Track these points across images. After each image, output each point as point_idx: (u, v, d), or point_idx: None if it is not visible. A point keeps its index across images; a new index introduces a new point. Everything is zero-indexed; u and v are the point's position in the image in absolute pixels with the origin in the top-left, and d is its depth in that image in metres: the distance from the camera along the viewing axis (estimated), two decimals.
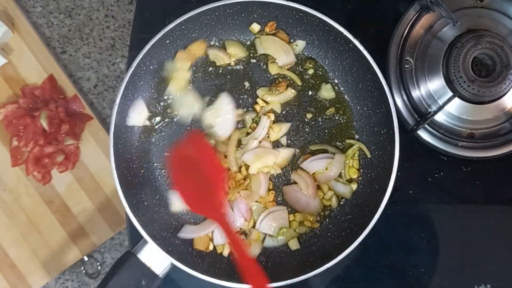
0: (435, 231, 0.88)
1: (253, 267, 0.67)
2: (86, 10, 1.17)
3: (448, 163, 0.90)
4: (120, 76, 1.17)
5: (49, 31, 1.18)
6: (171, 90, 0.86)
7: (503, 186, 0.90)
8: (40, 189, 1.11)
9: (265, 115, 0.87)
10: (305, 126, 0.88)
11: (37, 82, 1.13)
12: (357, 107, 0.88)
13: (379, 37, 0.91)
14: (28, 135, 1.08)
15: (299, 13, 0.82)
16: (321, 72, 0.89)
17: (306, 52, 0.89)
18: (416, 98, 0.88)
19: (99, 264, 1.14)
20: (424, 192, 0.89)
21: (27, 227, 1.11)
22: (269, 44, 0.87)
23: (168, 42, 0.83)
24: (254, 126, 0.87)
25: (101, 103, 1.16)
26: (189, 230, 0.84)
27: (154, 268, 0.76)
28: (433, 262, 0.87)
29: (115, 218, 1.12)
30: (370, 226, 0.76)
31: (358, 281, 0.87)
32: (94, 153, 1.13)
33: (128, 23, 1.17)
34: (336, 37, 0.82)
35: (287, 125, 0.87)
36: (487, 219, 0.89)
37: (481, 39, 0.83)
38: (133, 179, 0.84)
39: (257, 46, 0.88)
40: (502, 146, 0.88)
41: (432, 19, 0.89)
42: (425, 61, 0.89)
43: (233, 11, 0.84)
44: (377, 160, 0.84)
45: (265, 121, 0.86)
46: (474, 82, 0.83)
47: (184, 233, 0.84)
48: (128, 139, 0.85)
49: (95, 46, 1.17)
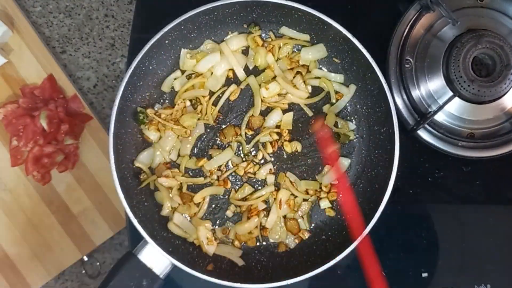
0: (435, 231, 0.88)
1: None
2: (86, 10, 1.17)
3: (448, 163, 0.90)
4: (120, 76, 1.16)
5: (49, 31, 1.18)
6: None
7: (503, 186, 0.90)
8: (40, 189, 1.11)
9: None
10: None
11: (36, 81, 1.12)
12: (357, 106, 0.88)
13: (379, 36, 0.91)
14: (28, 135, 1.08)
15: (299, 13, 0.82)
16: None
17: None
18: (416, 98, 0.88)
19: (99, 264, 1.13)
20: (424, 192, 0.89)
21: (27, 227, 1.10)
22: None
23: (167, 42, 0.83)
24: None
25: (100, 103, 1.16)
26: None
27: (154, 269, 0.76)
28: (433, 262, 0.87)
29: (115, 218, 1.12)
30: (370, 225, 0.76)
31: (358, 281, 0.87)
32: (94, 153, 1.12)
33: (128, 23, 1.16)
34: (335, 36, 0.82)
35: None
36: (487, 219, 0.89)
37: (481, 39, 0.83)
38: (134, 179, 0.84)
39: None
40: (502, 146, 0.88)
41: (432, 18, 0.89)
42: (425, 61, 0.88)
43: (232, 11, 0.84)
44: (377, 159, 0.84)
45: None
46: (474, 82, 0.83)
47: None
48: (128, 139, 0.85)
49: (95, 46, 1.16)
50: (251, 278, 0.81)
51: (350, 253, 0.76)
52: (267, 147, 0.87)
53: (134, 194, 0.82)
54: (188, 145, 0.87)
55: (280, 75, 0.86)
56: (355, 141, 0.88)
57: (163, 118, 0.85)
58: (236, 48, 0.88)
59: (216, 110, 0.87)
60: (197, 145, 0.88)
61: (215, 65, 0.86)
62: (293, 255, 0.85)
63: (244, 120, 0.87)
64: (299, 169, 0.88)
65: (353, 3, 0.94)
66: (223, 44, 0.87)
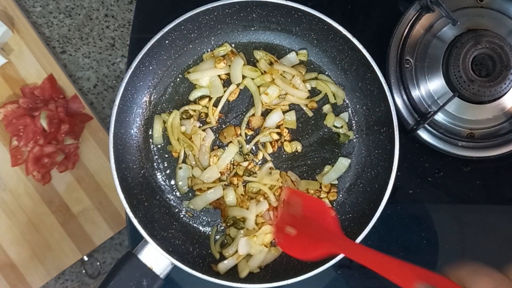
0: (435, 231, 0.88)
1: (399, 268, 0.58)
2: (86, 10, 1.17)
3: (448, 163, 0.90)
4: (120, 76, 1.16)
5: (49, 31, 1.18)
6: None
7: (503, 186, 0.90)
8: (40, 189, 1.11)
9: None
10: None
11: (36, 81, 1.12)
12: (357, 106, 0.88)
13: (379, 36, 0.91)
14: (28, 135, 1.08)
15: (298, 13, 0.82)
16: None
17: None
18: (416, 98, 0.88)
19: (99, 264, 1.13)
20: (424, 192, 0.89)
21: (27, 227, 1.10)
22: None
23: (167, 42, 0.83)
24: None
25: (101, 103, 1.16)
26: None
27: (155, 269, 0.76)
28: (433, 262, 0.87)
29: (115, 218, 1.12)
30: (370, 225, 0.76)
31: (358, 281, 0.87)
32: (94, 153, 1.12)
33: (128, 23, 1.16)
34: (335, 36, 0.82)
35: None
36: (487, 219, 0.89)
37: (481, 39, 0.83)
38: (134, 179, 0.84)
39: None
40: (502, 146, 0.88)
41: (432, 19, 0.89)
42: (425, 61, 0.88)
43: (232, 11, 0.84)
44: (377, 159, 0.84)
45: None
46: (474, 82, 0.83)
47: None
48: (128, 139, 0.85)
49: (95, 46, 1.16)
50: (251, 278, 0.81)
51: None
52: (267, 147, 0.87)
53: (134, 194, 0.82)
54: (206, 157, 0.87)
55: (279, 77, 0.87)
56: (355, 141, 0.88)
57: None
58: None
59: (217, 111, 0.87)
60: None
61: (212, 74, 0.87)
62: None
63: (243, 121, 0.87)
64: (299, 169, 0.88)
65: (353, 3, 0.94)
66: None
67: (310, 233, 0.76)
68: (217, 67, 0.86)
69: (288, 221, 0.80)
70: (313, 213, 0.78)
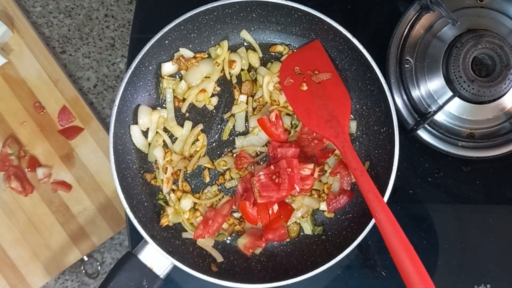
0: (435, 231, 0.88)
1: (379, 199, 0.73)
2: (85, 10, 1.17)
3: (448, 163, 0.90)
4: (119, 76, 1.17)
5: (49, 31, 1.18)
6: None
7: (503, 186, 0.90)
8: (40, 189, 1.11)
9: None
10: None
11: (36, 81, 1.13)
12: (357, 106, 0.88)
13: (379, 36, 0.91)
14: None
15: (298, 13, 0.82)
16: None
17: None
18: (416, 98, 0.88)
19: (99, 264, 1.14)
20: (424, 192, 0.89)
21: (27, 227, 1.11)
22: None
23: (167, 42, 0.83)
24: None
25: (100, 103, 1.16)
26: None
27: (155, 269, 0.76)
28: (433, 262, 0.87)
29: (115, 218, 1.12)
30: (370, 225, 0.77)
31: (358, 281, 0.87)
32: (94, 153, 1.13)
33: (128, 23, 1.16)
34: (335, 36, 0.82)
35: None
36: (487, 219, 0.89)
37: (481, 39, 0.83)
38: (134, 179, 0.84)
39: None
40: (502, 146, 0.88)
41: (432, 19, 0.89)
42: (425, 61, 0.88)
43: (232, 11, 0.84)
44: (377, 159, 0.84)
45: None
46: (474, 82, 0.83)
47: None
48: (128, 139, 0.85)
49: (95, 46, 1.17)
50: (251, 278, 0.81)
51: (350, 253, 0.76)
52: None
53: (134, 194, 0.82)
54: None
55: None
56: (355, 141, 0.88)
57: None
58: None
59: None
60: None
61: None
62: (293, 255, 0.85)
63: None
64: None
65: (353, 3, 0.94)
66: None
67: (320, 105, 0.82)
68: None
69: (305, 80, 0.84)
70: (331, 91, 0.83)
